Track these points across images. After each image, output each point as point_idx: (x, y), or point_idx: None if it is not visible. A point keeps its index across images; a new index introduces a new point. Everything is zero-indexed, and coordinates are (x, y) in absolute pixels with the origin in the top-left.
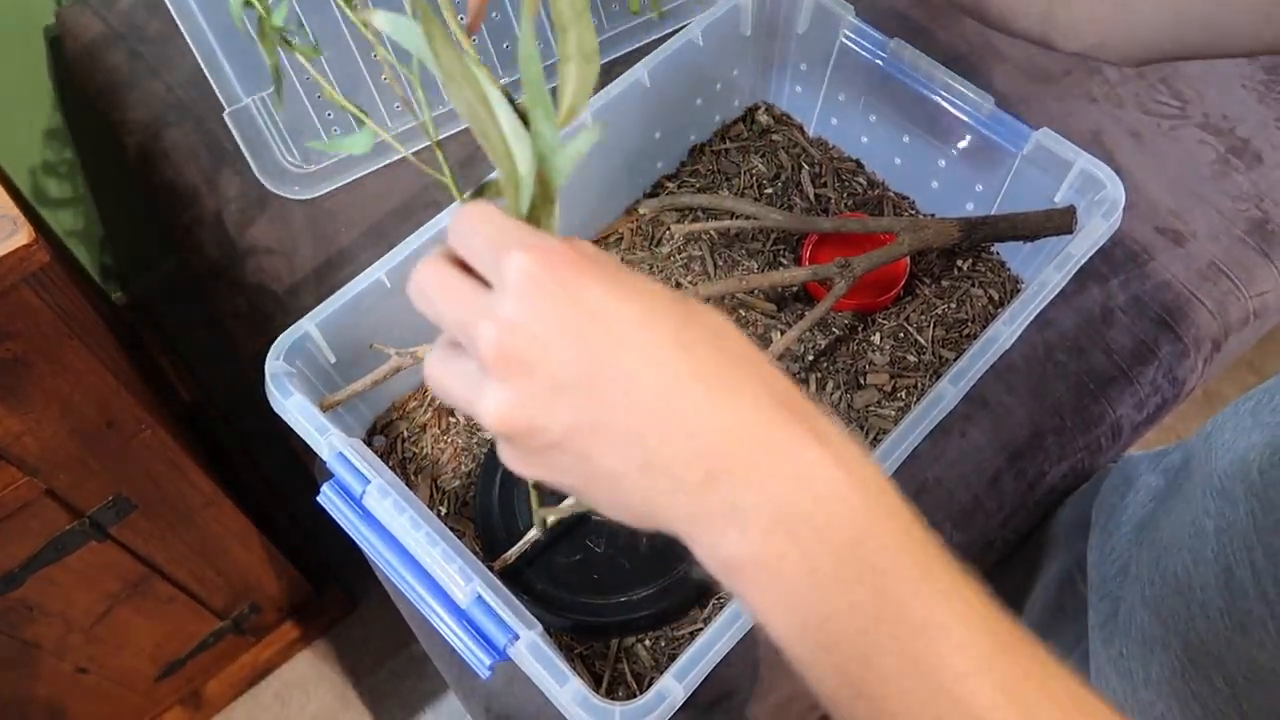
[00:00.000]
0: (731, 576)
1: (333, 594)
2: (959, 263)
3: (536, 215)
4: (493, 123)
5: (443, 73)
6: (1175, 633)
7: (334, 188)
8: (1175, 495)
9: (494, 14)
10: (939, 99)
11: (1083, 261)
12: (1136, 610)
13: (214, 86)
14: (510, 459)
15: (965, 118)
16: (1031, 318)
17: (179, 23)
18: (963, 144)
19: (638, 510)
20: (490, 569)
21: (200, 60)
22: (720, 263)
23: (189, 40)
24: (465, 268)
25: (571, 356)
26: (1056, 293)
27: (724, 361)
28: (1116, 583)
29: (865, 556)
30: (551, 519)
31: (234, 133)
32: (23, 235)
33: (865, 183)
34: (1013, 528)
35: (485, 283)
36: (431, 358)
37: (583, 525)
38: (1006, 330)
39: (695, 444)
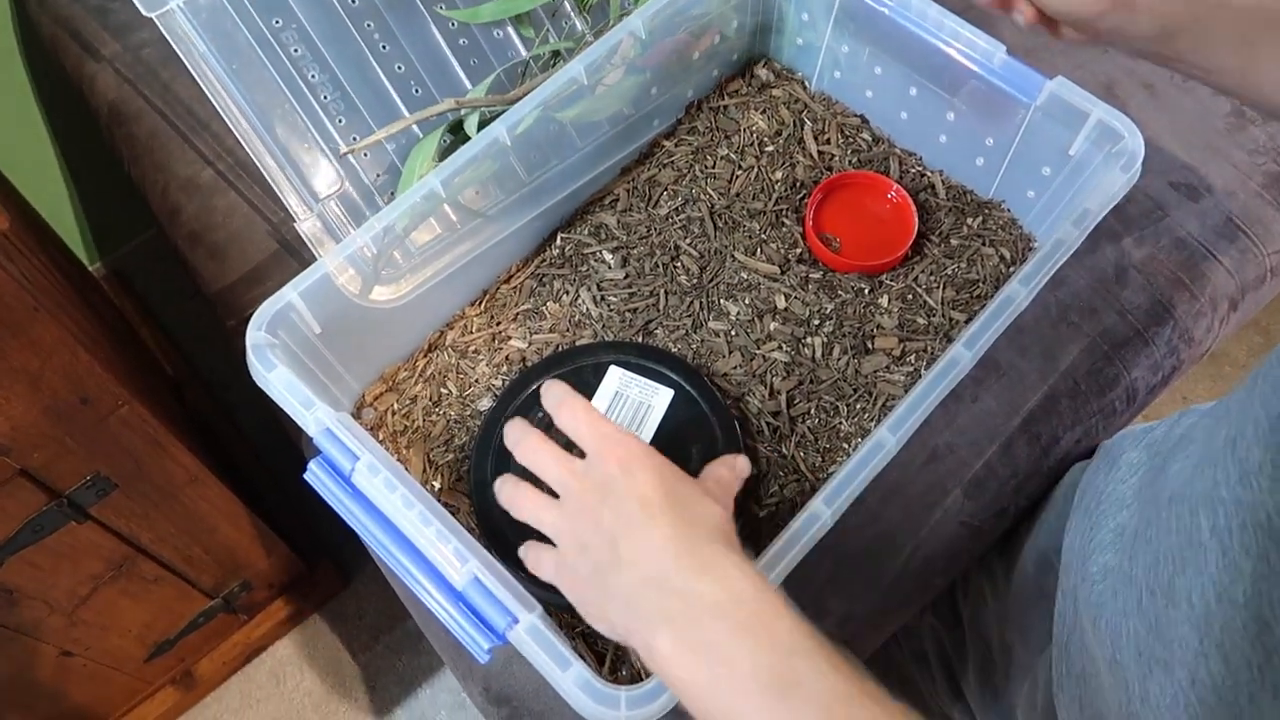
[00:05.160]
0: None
1: (325, 570)
2: (969, 220)
3: None
4: None
5: None
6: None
7: None
8: (1160, 472)
9: None
10: (948, 48)
11: (1100, 217)
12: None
13: None
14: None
15: (976, 68)
16: (1048, 277)
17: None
18: (973, 95)
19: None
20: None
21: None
22: (720, 224)
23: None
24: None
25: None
26: (1072, 251)
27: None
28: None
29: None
30: None
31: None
32: None
33: (870, 139)
34: (1026, 494)
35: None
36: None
37: None
38: (1023, 290)
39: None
